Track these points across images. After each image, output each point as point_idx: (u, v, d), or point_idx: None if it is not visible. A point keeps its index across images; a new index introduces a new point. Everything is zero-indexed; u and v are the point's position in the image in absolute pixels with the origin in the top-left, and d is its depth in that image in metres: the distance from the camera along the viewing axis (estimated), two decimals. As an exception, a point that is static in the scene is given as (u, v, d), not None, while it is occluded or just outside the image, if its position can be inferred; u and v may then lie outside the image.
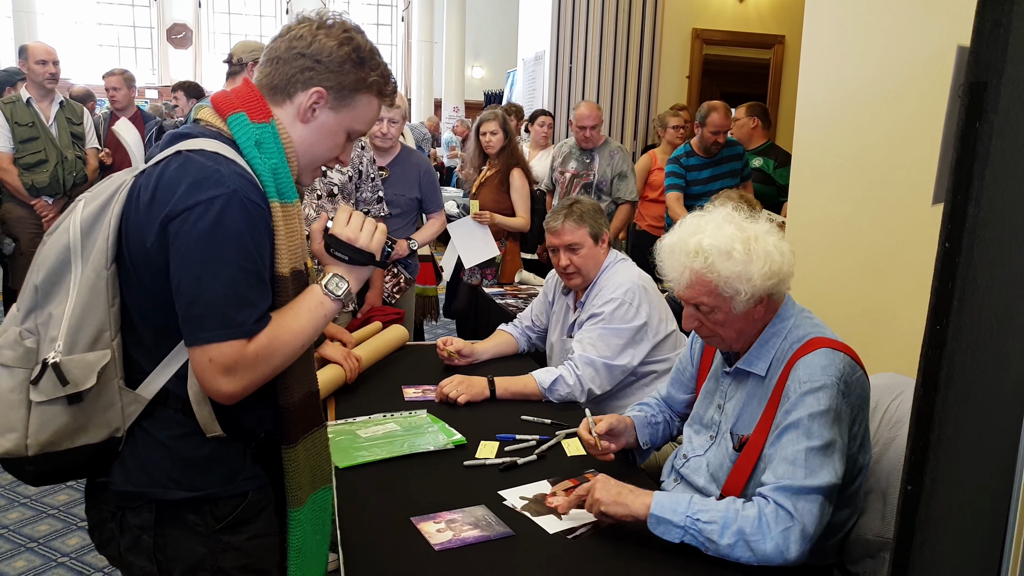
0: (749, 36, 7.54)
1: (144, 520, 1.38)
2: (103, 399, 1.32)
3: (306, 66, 1.39)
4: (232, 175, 1.28)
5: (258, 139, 1.36)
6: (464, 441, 2.16)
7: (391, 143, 3.78)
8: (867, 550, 1.83)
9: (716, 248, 1.72)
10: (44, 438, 1.30)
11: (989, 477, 1.07)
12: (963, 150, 0.91)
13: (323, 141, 1.45)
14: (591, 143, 5.07)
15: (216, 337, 1.25)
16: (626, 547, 1.65)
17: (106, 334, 1.32)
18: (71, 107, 5.11)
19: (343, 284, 1.40)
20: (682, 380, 2.20)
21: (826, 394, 1.65)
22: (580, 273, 2.78)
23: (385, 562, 1.59)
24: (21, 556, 3.04)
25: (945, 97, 1.10)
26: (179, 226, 1.25)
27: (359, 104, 1.45)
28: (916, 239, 2.38)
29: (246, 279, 1.27)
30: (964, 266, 0.93)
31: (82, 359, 1.29)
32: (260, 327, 1.29)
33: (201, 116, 1.42)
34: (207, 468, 1.38)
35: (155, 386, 1.35)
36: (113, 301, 1.32)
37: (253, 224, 1.29)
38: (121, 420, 1.35)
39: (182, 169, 1.28)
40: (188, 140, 1.34)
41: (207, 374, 1.27)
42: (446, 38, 16.54)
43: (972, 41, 0.89)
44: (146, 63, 18.22)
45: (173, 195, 1.26)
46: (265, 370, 1.31)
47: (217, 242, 1.25)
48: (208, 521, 1.39)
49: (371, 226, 1.45)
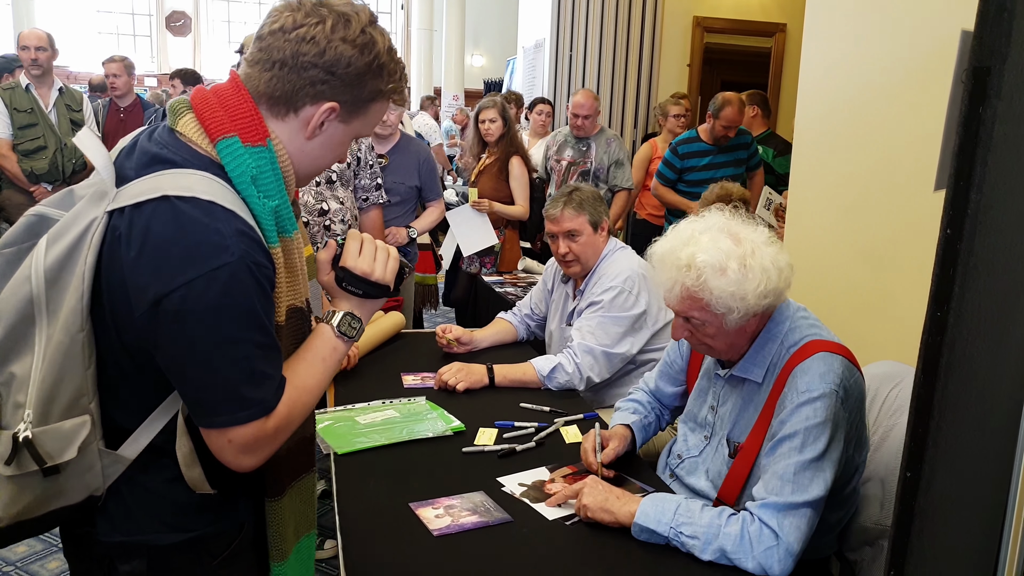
0: (750, 24, 7.51)
1: (136, 567, 1.24)
2: (82, 464, 1.16)
3: (318, 79, 1.18)
4: (235, 235, 1.09)
5: (255, 173, 1.16)
6: (463, 428, 2.16)
7: (390, 130, 3.78)
8: (865, 538, 1.83)
9: (710, 265, 1.65)
10: (16, 510, 1.15)
11: (988, 464, 1.07)
12: (966, 136, 0.90)
13: (329, 152, 1.28)
14: (585, 132, 5.07)
15: (236, 420, 1.12)
16: (623, 533, 1.65)
17: (84, 399, 1.14)
18: (71, 93, 5.10)
19: (357, 323, 1.28)
20: (671, 373, 2.18)
21: (823, 404, 1.63)
22: (579, 261, 2.78)
23: (384, 547, 1.59)
24: None
25: (948, 84, 1.09)
26: (179, 304, 1.07)
27: (371, 112, 1.27)
28: (917, 227, 2.38)
29: (261, 354, 1.13)
30: (965, 253, 0.92)
31: (58, 430, 1.12)
32: (278, 398, 1.16)
33: (182, 128, 1.18)
34: (198, 510, 1.25)
35: (139, 445, 1.19)
36: (89, 363, 1.14)
37: (263, 291, 1.13)
38: (100, 481, 1.19)
39: (174, 228, 1.08)
40: (171, 173, 1.13)
41: (226, 454, 1.15)
42: (446, 26, 16.47)
43: (976, 26, 0.89)
44: (145, 51, 18.14)
45: (166, 262, 1.07)
46: (284, 437, 1.20)
47: (226, 321, 1.09)
48: (204, 559, 1.28)
49: (384, 254, 1.31)
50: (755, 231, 1.73)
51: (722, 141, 4.88)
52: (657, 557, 1.60)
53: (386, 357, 2.83)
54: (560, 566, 1.57)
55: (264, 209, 1.17)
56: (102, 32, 18.00)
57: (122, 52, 6.23)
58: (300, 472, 1.35)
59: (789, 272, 1.72)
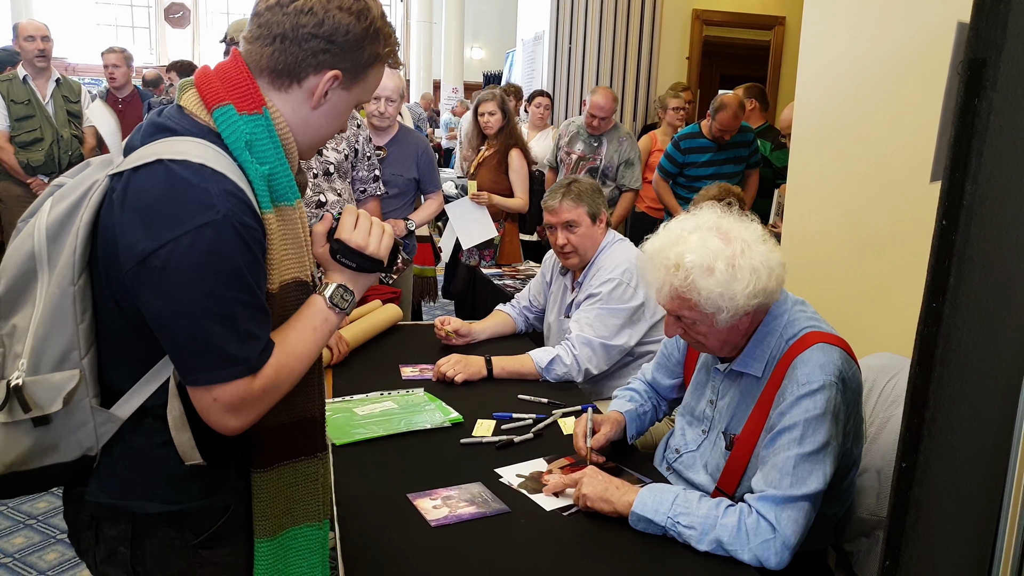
0: (749, 17, 7.50)
1: (120, 532, 1.28)
2: (74, 419, 1.20)
3: (320, 48, 1.22)
4: (221, 195, 1.12)
5: (249, 138, 1.20)
6: (461, 419, 2.16)
7: (389, 122, 3.77)
8: (862, 528, 1.84)
9: (697, 265, 1.64)
10: (9, 459, 1.20)
11: (984, 455, 1.07)
12: (962, 127, 0.90)
13: (333, 121, 1.32)
14: (599, 131, 5.04)
15: (219, 378, 1.14)
16: (621, 524, 1.66)
17: (74, 353, 1.18)
18: (68, 84, 5.09)
19: (348, 296, 1.30)
20: (668, 366, 2.18)
21: (823, 396, 1.63)
22: (577, 252, 2.78)
23: (381, 538, 1.60)
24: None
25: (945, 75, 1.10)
26: (165, 259, 1.10)
27: (370, 77, 1.31)
28: (914, 218, 2.38)
29: (246, 313, 1.15)
30: (961, 244, 0.93)
31: (47, 380, 1.17)
32: (264, 359, 1.17)
33: (185, 103, 1.24)
34: (186, 481, 1.26)
35: (132, 405, 1.22)
36: (83, 317, 1.18)
37: (248, 251, 1.15)
38: (94, 440, 1.23)
39: (164, 187, 1.12)
40: (169, 139, 1.18)
41: (211, 412, 1.16)
42: (445, 18, 16.43)
43: (972, 17, 0.89)
44: (144, 43, 18.11)
45: (154, 219, 1.11)
46: (272, 401, 1.21)
47: (211, 277, 1.11)
48: (187, 535, 1.29)
49: (379, 230, 1.33)
50: (747, 229, 1.72)
51: (721, 140, 4.88)
52: (654, 547, 1.60)
53: (385, 349, 2.84)
54: (557, 557, 1.58)
55: (256, 174, 1.20)
56: (100, 24, 17.95)
57: (121, 44, 6.19)
58: (297, 453, 1.33)
59: (781, 271, 1.71)
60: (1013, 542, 1.08)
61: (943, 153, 0.94)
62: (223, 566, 1.33)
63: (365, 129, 3.44)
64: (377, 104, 3.70)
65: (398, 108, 3.82)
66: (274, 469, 1.31)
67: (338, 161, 3.25)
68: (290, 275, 1.24)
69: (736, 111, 4.76)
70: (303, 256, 1.27)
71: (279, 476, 1.32)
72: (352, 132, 3.33)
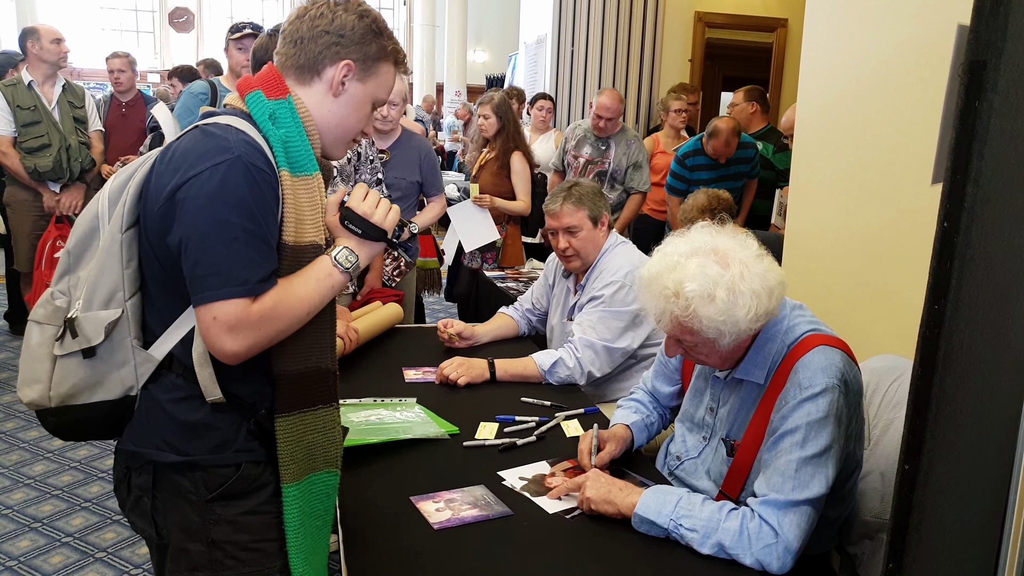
0: (752, 19, 7.50)
1: (144, 481, 1.44)
2: (117, 356, 1.39)
3: (332, 42, 1.45)
4: (238, 142, 1.33)
5: (272, 113, 1.41)
6: (456, 430, 2.11)
7: (391, 126, 3.78)
8: (866, 531, 1.84)
9: (698, 294, 1.62)
10: (64, 390, 1.39)
11: (988, 457, 1.07)
12: (962, 129, 0.90)
13: (354, 113, 1.52)
14: (606, 132, 5.03)
15: (219, 295, 1.28)
16: (623, 527, 1.66)
17: (119, 294, 1.39)
18: (72, 89, 5.08)
19: (352, 257, 1.43)
20: (666, 373, 2.18)
21: (825, 399, 1.63)
22: (579, 256, 2.78)
23: (384, 541, 1.60)
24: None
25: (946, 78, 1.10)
26: (186, 191, 1.29)
27: (381, 73, 1.52)
28: (917, 220, 2.38)
29: (249, 240, 1.30)
30: (963, 246, 0.93)
31: (95, 316, 1.37)
32: (264, 287, 1.31)
33: (228, 101, 1.49)
34: (198, 434, 1.41)
35: (164, 348, 1.40)
36: (128, 263, 1.39)
37: (257, 188, 1.32)
38: (135, 379, 1.41)
39: (195, 140, 1.35)
40: (210, 119, 1.40)
41: (211, 332, 1.29)
42: (448, 22, 16.46)
43: (972, 20, 0.89)
44: (148, 47, 18.15)
45: (183, 163, 1.32)
46: (269, 332, 1.33)
47: (221, 204, 1.28)
48: (200, 489, 1.41)
49: (386, 205, 1.50)
50: (743, 247, 1.70)
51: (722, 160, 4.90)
52: (657, 550, 1.60)
53: (388, 351, 2.84)
54: (560, 559, 1.57)
55: (275, 137, 1.40)
56: (105, 28, 18.00)
57: (125, 48, 6.19)
58: (314, 401, 1.45)
59: (781, 290, 1.69)
60: (1019, 544, 1.08)
61: (944, 155, 0.94)
62: (237, 524, 1.44)
63: (367, 135, 3.44)
64: (380, 108, 3.70)
65: (401, 112, 3.82)
66: (295, 415, 1.43)
67: (341, 165, 3.25)
68: (307, 238, 1.40)
69: (728, 138, 4.77)
70: (319, 222, 1.42)
71: (300, 421, 1.44)
72: (355, 136, 3.34)
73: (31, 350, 1.41)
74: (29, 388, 1.40)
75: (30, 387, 1.40)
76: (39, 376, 1.40)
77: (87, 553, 2.94)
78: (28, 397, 1.41)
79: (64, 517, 3.21)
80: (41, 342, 1.40)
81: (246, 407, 1.43)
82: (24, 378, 1.41)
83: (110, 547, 2.99)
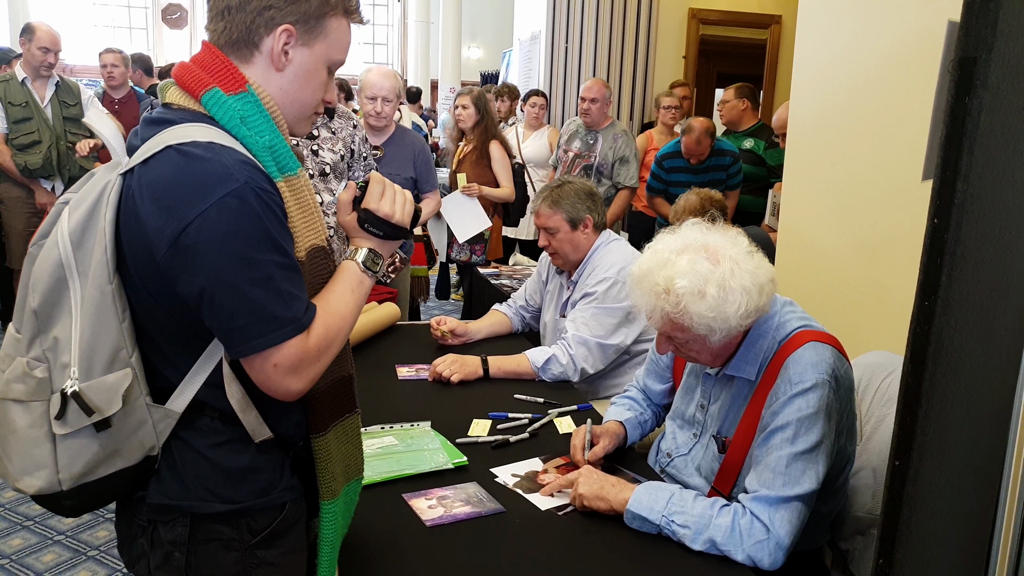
0: (746, 16, 7.49)
1: (177, 535, 1.29)
2: (132, 420, 1.22)
3: (263, 6, 1.24)
4: (237, 165, 1.16)
5: (242, 115, 1.23)
6: (466, 462, 1.92)
7: (385, 122, 3.78)
8: (858, 527, 1.84)
9: (688, 290, 1.63)
10: (77, 470, 1.21)
11: (978, 452, 1.07)
12: (953, 126, 0.90)
13: (306, 84, 1.31)
14: (591, 118, 5.05)
15: (273, 340, 1.16)
16: (616, 523, 1.66)
17: (122, 352, 1.21)
18: (67, 87, 5.06)
19: (379, 260, 1.35)
20: (657, 371, 2.18)
21: (816, 394, 1.63)
22: (559, 255, 2.79)
23: (376, 538, 1.60)
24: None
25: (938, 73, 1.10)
26: (195, 235, 1.12)
27: (330, 30, 1.30)
28: (909, 216, 2.38)
29: (283, 275, 1.18)
30: (952, 242, 0.93)
31: (102, 383, 1.19)
32: (311, 317, 1.21)
33: (171, 99, 1.26)
34: (246, 479, 1.29)
35: (185, 398, 1.25)
36: (123, 316, 1.20)
37: (272, 214, 1.18)
38: (154, 438, 1.25)
39: (180, 169, 1.15)
40: (170, 129, 1.20)
41: (274, 379, 1.18)
42: (442, 18, 16.43)
43: (962, 16, 0.89)
44: (141, 44, 18.08)
45: (178, 200, 1.13)
46: (327, 359, 1.25)
47: (242, 244, 1.14)
48: (244, 536, 1.30)
49: (402, 198, 1.37)
50: (734, 244, 1.70)
51: (692, 162, 4.89)
52: (649, 547, 1.60)
53: (381, 349, 2.84)
54: (552, 556, 1.58)
55: (258, 145, 1.23)
56: (98, 24, 17.94)
57: (119, 44, 6.13)
58: (342, 412, 1.38)
59: (771, 287, 1.70)
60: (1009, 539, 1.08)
61: (934, 152, 0.94)
62: (277, 566, 1.35)
63: (361, 130, 3.44)
64: (373, 104, 3.71)
65: (395, 107, 3.82)
66: (330, 430, 1.35)
67: (334, 162, 3.24)
68: (310, 242, 1.27)
69: (700, 136, 4.74)
70: (316, 222, 1.29)
71: (334, 436, 1.36)
72: (348, 133, 3.33)
73: (20, 435, 1.20)
74: (31, 477, 1.20)
75: (32, 476, 1.20)
76: (41, 462, 1.20)
77: (79, 551, 2.93)
78: (33, 487, 1.21)
79: (56, 515, 3.19)
80: (32, 423, 1.20)
81: (287, 442, 1.34)
82: (22, 467, 1.21)
83: (102, 545, 2.98)
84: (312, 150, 3.18)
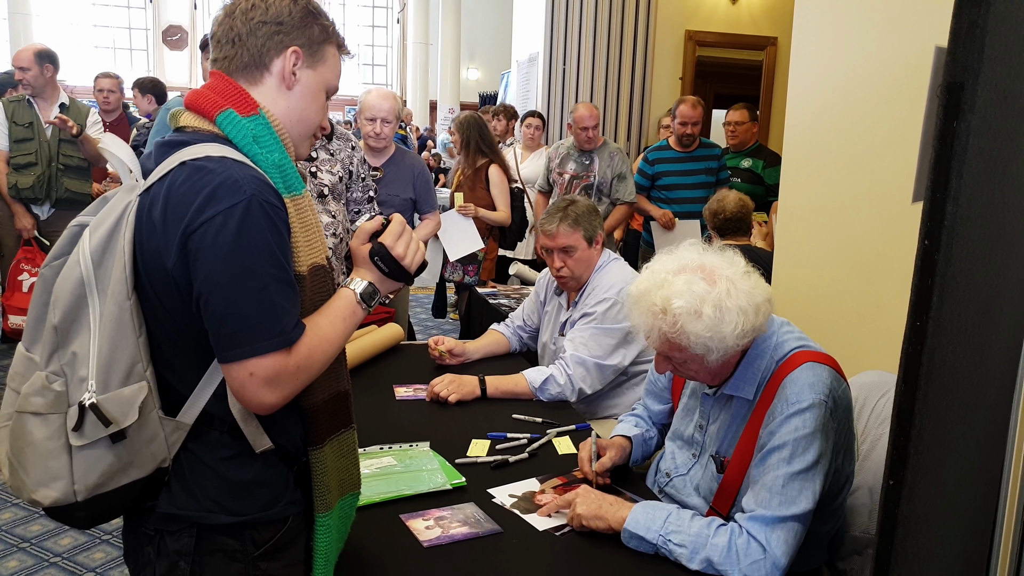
0: (742, 38, 7.55)
1: (183, 545, 1.33)
2: (145, 432, 1.26)
3: (273, 31, 1.35)
4: (246, 179, 1.22)
5: (254, 134, 1.30)
6: (464, 483, 1.91)
7: (384, 143, 3.80)
8: (855, 547, 1.84)
9: (684, 310, 1.64)
10: (93, 481, 1.24)
11: (973, 472, 1.08)
12: (941, 149, 0.92)
13: (312, 103, 1.42)
14: (592, 144, 5.10)
15: (255, 351, 1.19)
16: (613, 543, 1.66)
17: (138, 366, 1.25)
18: (76, 108, 5.04)
19: (376, 295, 1.38)
20: (655, 391, 2.18)
21: (812, 414, 1.64)
22: (573, 276, 2.77)
23: (374, 559, 1.59)
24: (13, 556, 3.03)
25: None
26: (200, 241, 1.19)
27: (328, 56, 1.43)
28: (903, 237, 2.39)
29: (277, 288, 1.22)
30: (943, 263, 0.94)
31: (119, 396, 1.23)
32: (297, 334, 1.24)
33: (184, 123, 1.34)
34: (252, 492, 1.33)
35: (195, 410, 1.29)
36: (140, 331, 1.25)
37: (276, 229, 1.23)
38: (166, 450, 1.29)
39: (192, 181, 1.21)
40: (185, 149, 1.27)
41: (247, 389, 1.21)
42: (441, 40, 16.56)
43: (949, 42, 0.90)
44: (141, 65, 18.18)
45: (188, 209, 1.19)
46: (305, 379, 1.28)
47: (243, 253, 1.19)
48: (248, 548, 1.34)
49: (416, 247, 1.43)
50: (730, 264, 1.71)
51: (685, 140, 5.06)
52: (646, 567, 1.60)
53: (379, 369, 2.84)
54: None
55: (268, 163, 1.29)
56: (99, 46, 18.05)
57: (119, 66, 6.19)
58: (339, 427, 1.41)
59: (768, 307, 1.71)
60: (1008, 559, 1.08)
61: (924, 174, 0.95)
62: None
63: (359, 151, 3.46)
64: (373, 125, 3.73)
65: (394, 129, 3.85)
66: (327, 444, 1.38)
67: (332, 183, 3.26)
68: (311, 260, 1.32)
69: (694, 101, 4.97)
70: (317, 242, 1.34)
71: (330, 450, 1.39)
72: (347, 154, 3.35)
73: (37, 447, 1.24)
74: (48, 488, 1.24)
75: (48, 487, 1.23)
76: (57, 473, 1.23)
77: (76, 573, 2.92)
78: (49, 498, 1.24)
79: (52, 537, 3.18)
80: (49, 435, 1.24)
81: (291, 456, 1.38)
82: (38, 479, 1.24)
83: (99, 567, 2.97)
84: (311, 172, 3.20)
